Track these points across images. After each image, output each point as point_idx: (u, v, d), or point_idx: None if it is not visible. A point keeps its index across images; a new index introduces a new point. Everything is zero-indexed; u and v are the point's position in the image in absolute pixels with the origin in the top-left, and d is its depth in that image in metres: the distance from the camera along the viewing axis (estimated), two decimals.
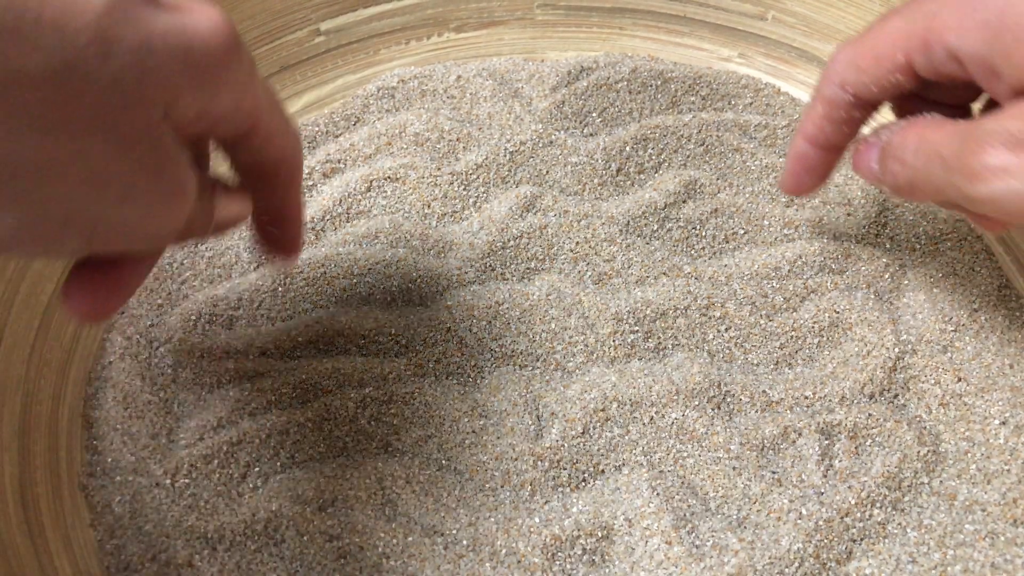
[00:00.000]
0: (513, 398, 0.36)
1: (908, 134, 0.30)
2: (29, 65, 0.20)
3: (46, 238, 0.23)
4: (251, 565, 0.33)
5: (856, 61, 0.31)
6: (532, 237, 0.40)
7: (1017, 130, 0.25)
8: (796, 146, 0.34)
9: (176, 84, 0.23)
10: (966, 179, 0.26)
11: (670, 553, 0.32)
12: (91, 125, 0.22)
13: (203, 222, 0.29)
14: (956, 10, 0.28)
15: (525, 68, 0.46)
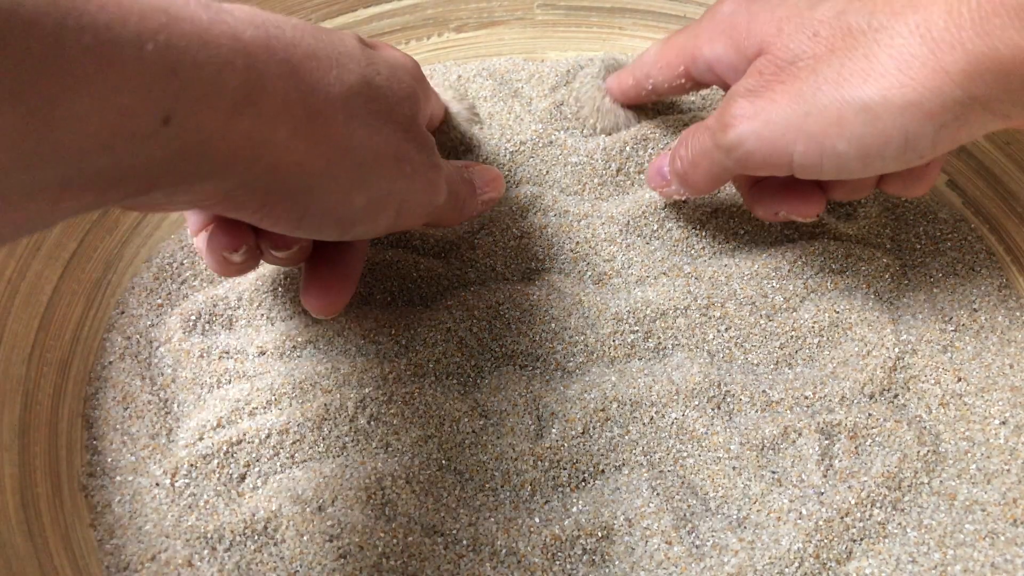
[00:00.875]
0: (513, 398, 0.36)
1: (689, 129, 0.36)
2: (351, 80, 0.28)
3: (377, 213, 0.30)
4: (251, 565, 0.33)
5: (657, 63, 0.39)
6: (532, 237, 0.40)
7: (750, 85, 0.32)
8: (611, 86, 0.43)
9: (415, 91, 0.32)
10: (723, 132, 0.33)
11: (670, 553, 0.32)
12: (386, 119, 0.29)
13: (471, 201, 0.37)
14: (707, 30, 0.36)
15: (525, 68, 0.46)
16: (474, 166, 0.38)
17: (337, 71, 0.27)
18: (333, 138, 0.27)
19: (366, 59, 0.29)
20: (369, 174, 0.29)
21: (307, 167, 0.26)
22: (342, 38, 0.30)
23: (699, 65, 0.37)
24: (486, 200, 0.38)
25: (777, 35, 0.32)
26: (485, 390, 0.37)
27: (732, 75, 0.35)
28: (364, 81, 0.29)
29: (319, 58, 0.27)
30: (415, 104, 0.32)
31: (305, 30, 0.27)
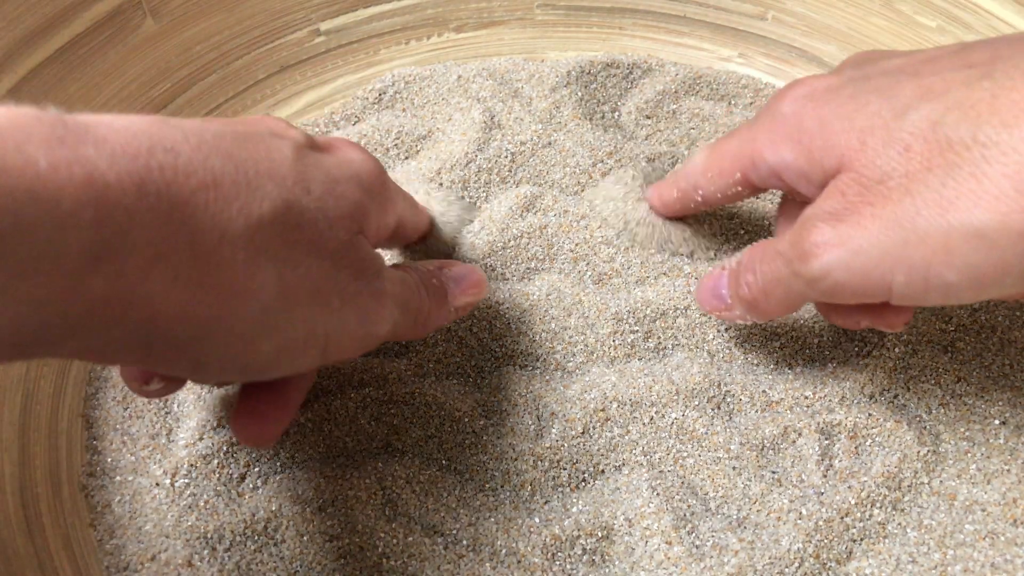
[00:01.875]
0: (513, 398, 0.36)
1: (755, 249, 0.33)
2: (263, 210, 0.24)
3: (293, 357, 0.27)
4: (251, 565, 0.33)
5: (706, 172, 0.35)
6: (532, 237, 0.40)
7: (831, 207, 0.28)
8: (652, 198, 0.39)
9: (362, 203, 0.28)
10: (802, 262, 0.29)
11: (670, 553, 0.32)
12: (308, 248, 0.26)
13: (437, 312, 0.33)
14: (767, 132, 0.32)
15: (525, 68, 0.46)
16: (453, 267, 0.35)
17: (245, 200, 0.24)
18: (228, 283, 0.24)
19: (295, 175, 0.26)
20: (278, 318, 0.25)
21: (192, 318, 0.23)
22: (271, 150, 0.26)
23: (760, 171, 0.33)
24: (461, 306, 0.34)
25: (860, 150, 0.28)
26: (485, 390, 0.37)
27: (803, 184, 0.31)
28: (284, 207, 0.25)
29: (221, 186, 0.23)
30: (357, 222, 0.28)
31: (215, 148, 0.24)
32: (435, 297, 0.33)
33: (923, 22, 0.44)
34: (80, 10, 0.40)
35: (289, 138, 0.27)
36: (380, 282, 0.29)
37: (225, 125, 0.26)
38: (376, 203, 0.30)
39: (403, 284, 0.31)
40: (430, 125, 0.45)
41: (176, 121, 0.24)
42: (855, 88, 0.30)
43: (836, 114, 0.29)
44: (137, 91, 0.43)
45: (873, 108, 0.28)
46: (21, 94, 0.39)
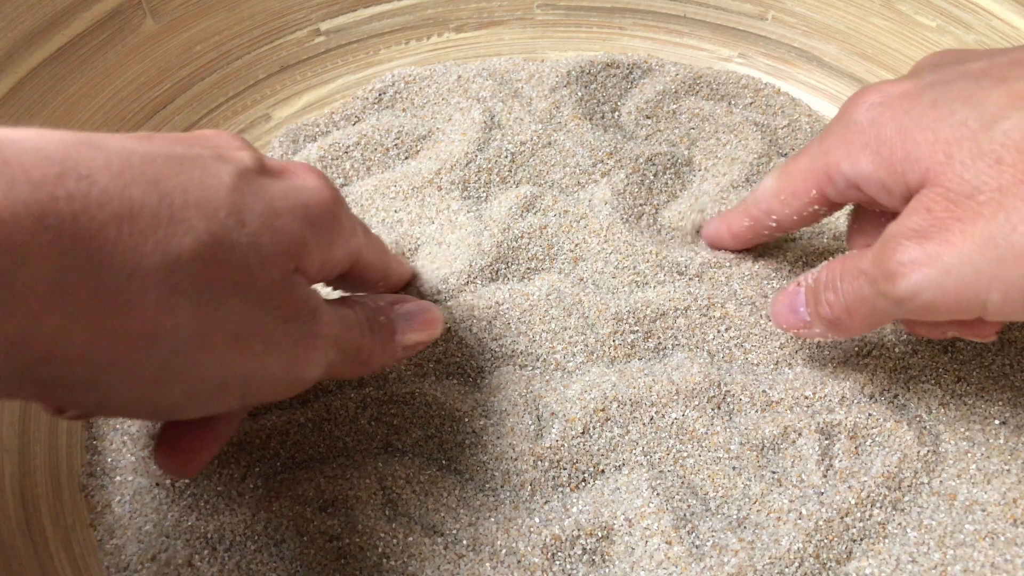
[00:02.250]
0: (513, 398, 0.36)
1: (834, 266, 0.31)
2: (184, 245, 0.22)
3: (207, 402, 0.25)
4: (251, 565, 0.33)
5: (779, 195, 0.34)
6: (532, 237, 0.40)
7: (917, 225, 0.27)
8: (720, 230, 0.39)
9: (302, 238, 0.26)
10: (889, 282, 0.28)
11: (670, 553, 0.32)
12: (234, 287, 0.24)
13: (382, 351, 0.31)
14: (842, 143, 0.31)
15: (525, 68, 0.46)
16: (405, 303, 0.33)
17: (164, 233, 0.22)
18: (135, 324, 0.22)
19: (230, 206, 0.24)
20: (191, 361, 0.23)
21: (92, 359, 0.21)
22: (208, 176, 0.24)
23: (838, 184, 0.31)
24: (409, 345, 0.32)
25: (947, 163, 0.27)
26: (485, 390, 0.37)
27: (884, 195, 0.30)
28: (210, 242, 0.23)
29: (138, 218, 0.21)
30: (293, 259, 0.26)
31: (140, 174, 0.22)
32: (380, 335, 0.31)
33: (923, 22, 0.44)
34: (80, 10, 0.40)
35: (234, 161, 0.25)
36: (314, 324, 0.27)
37: (164, 145, 0.24)
38: (322, 237, 0.27)
39: (343, 323, 0.29)
40: (430, 125, 0.45)
41: (104, 140, 0.23)
42: (936, 94, 0.28)
43: (918, 123, 0.28)
44: (137, 91, 0.43)
45: (958, 117, 0.27)
46: (21, 94, 0.39)
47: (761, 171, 0.44)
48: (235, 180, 0.25)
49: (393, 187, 0.43)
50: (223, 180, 0.24)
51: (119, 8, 0.42)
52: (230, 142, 0.27)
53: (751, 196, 0.36)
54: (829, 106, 0.47)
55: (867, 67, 0.46)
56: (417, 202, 0.42)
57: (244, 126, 0.46)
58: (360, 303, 0.31)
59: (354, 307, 0.30)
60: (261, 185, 0.26)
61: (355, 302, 0.31)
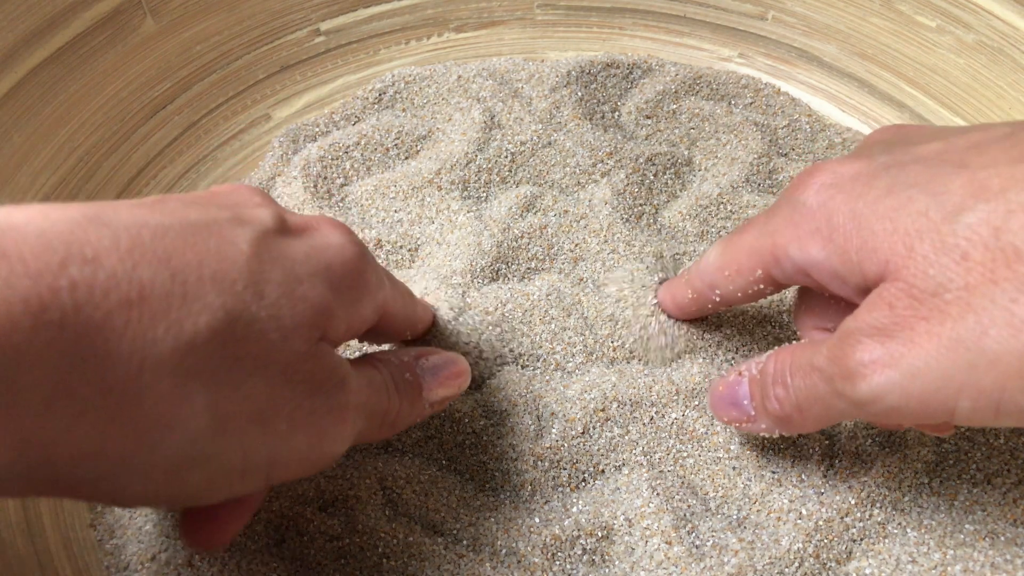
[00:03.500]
0: (513, 398, 0.36)
1: (782, 357, 0.29)
2: (199, 325, 0.21)
3: (228, 488, 0.24)
4: (251, 565, 0.33)
5: (723, 270, 0.32)
6: (532, 237, 0.40)
7: (878, 322, 0.25)
8: (665, 300, 0.37)
9: (326, 304, 0.25)
10: (847, 382, 0.26)
11: (670, 553, 0.32)
12: (254, 365, 0.22)
13: (410, 410, 0.30)
14: (790, 225, 0.28)
15: (525, 68, 0.46)
16: (431, 355, 0.31)
17: (177, 315, 0.21)
18: (147, 415, 0.20)
19: (248, 277, 0.22)
20: (209, 447, 0.22)
21: (103, 455, 0.20)
22: (224, 244, 0.22)
23: (785, 268, 0.29)
24: (436, 401, 0.31)
25: (908, 256, 0.25)
26: (485, 390, 0.37)
27: (836, 284, 0.28)
28: (227, 319, 0.21)
29: (148, 301, 0.20)
30: (318, 328, 0.24)
31: (150, 251, 0.21)
32: (407, 394, 0.29)
33: (923, 22, 0.44)
34: (80, 10, 0.40)
35: (252, 224, 0.24)
36: (343, 395, 0.25)
37: (177, 211, 0.23)
38: (347, 298, 0.26)
39: (370, 388, 0.28)
40: (430, 125, 0.45)
41: (113, 214, 0.21)
42: (891, 179, 0.26)
43: (874, 211, 0.26)
44: (137, 91, 0.43)
45: (918, 206, 0.25)
46: (21, 94, 0.39)
47: (761, 171, 0.44)
48: (253, 246, 0.23)
49: (393, 187, 0.43)
50: (240, 248, 0.23)
51: (119, 8, 0.42)
52: (250, 198, 0.26)
53: (695, 267, 0.34)
54: (829, 106, 0.47)
55: (867, 67, 0.46)
56: (417, 202, 0.42)
57: (244, 126, 0.46)
58: (384, 361, 0.30)
59: (379, 367, 0.29)
60: (281, 248, 0.24)
61: (379, 360, 0.29)
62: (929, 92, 0.45)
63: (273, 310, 0.23)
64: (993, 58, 0.42)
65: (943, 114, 0.44)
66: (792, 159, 0.45)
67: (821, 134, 0.46)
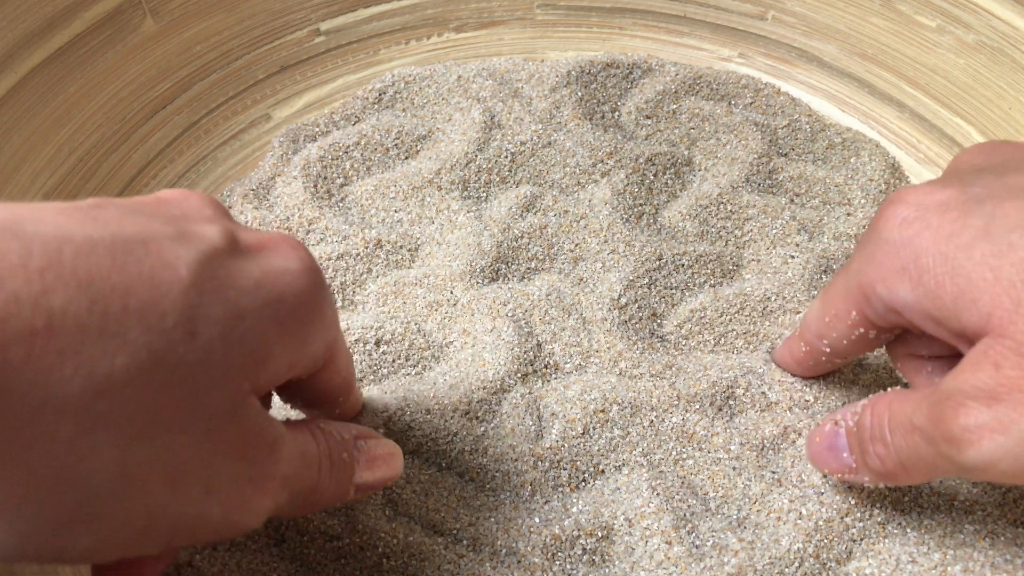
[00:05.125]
0: (513, 399, 0.36)
1: (878, 410, 0.28)
2: (115, 366, 0.18)
3: (123, 548, 0.21)
4: (251, 565, 0.33)
5: (823, 317, 0.31)
6: (532, 237, 0.40)
7: (983, 383, 0.23)
8: (784, 357, 0.35)
9: (266, 346, 0.21)
10: (953, 447, 0.24)
11: (670, 553, 0.32)
12: (174, 418, 0.19)
13: (335, 490, 0.26)
14: (874, 262, 0.27)
15: (525, 68, 0.46)
16: (368, 438, 0.28)
17: (90, 352, 0.18)
18: (42, 464, 0.18)
19: (181, 310, 0.19)
20: (108, 506, 0.19)
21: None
22: (161, 267, 0.19)
23: (876, 307, 0.28)
24: (364, 484, 0.28)
25: (1015, 311, 0.23)
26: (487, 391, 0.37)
27: (932, 327, 0.26)
28: (149, 361, 0.18)
29: (56, 334, 0.17)
30: (252, 377, 0.21)
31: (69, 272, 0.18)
32: (338, 474, 0.26)
33: (923, 22, 0.44)
34: (80, 10, 0.40)
35: (197, 243, 0.21)
36: (269, 463, 0.22)
37: (113, 222, 0.20)
38: (295, 336, 0.22)
39: (302, 460, 0.24)
40: (430, 125, 0.45)
41: (34, 223, 0.18)
42: (985, 218, 0.24)
43: (969, 257, 0.24)
44: (137, 91, 0.43)
45: (1021, 254, 0.23)
46: (21, 94, 0.39)
47: (761, 171, 0.44)
48: (194, 271, 0.20)
49: (393, 187, 0.43)
50: (178, 273, 0.19)
51: (119, 8, 0.42)
52: (200, 210, 0.23)
53: (803, 319, 0.33)
54: (829, 106, 0.47)
55: (867, 67, 0.46)
56: (417, 202, 0.42)
57: (244, 126, 0.46)
58: (325, 432, 0.26)
59: (317, 437, 0.26)
60: (227, 273, 0.21)
61: (318, 430, 0.26)
62: (929, 92, 0.45)
63: (204, 353, 0.19)
64: (993, 58, 0.42)
65: (943, 114, 0.44)
66: (792, 159, 0.45)
67: (821, 134, 0.46)
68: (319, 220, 0.41)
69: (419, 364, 0.37)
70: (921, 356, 0.30)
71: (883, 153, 0.45)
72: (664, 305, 0.39)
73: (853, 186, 0.43)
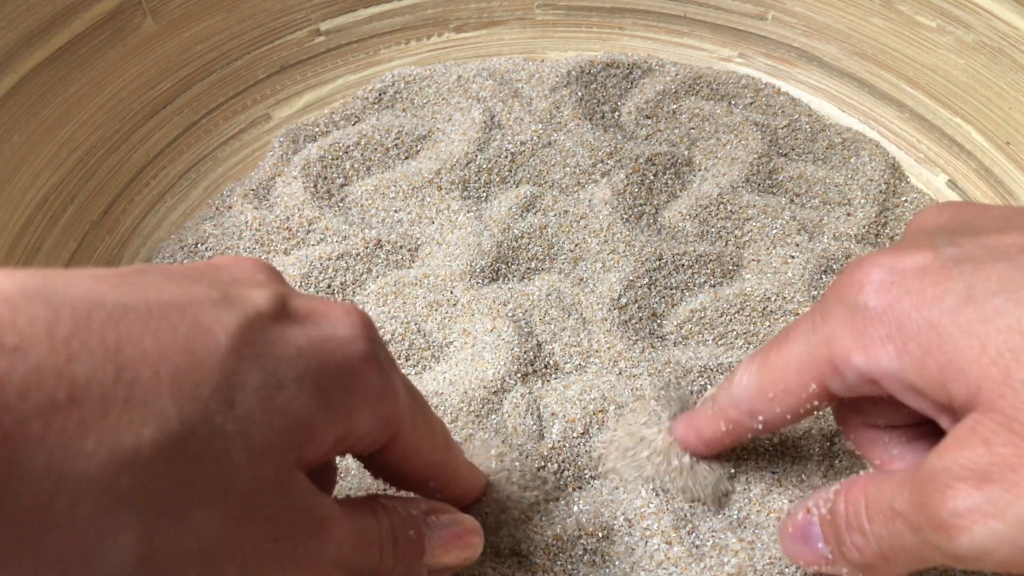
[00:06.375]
0: (514, 399, 0.36)
1: (853, 496, 0.25)
2: (143, 438, 0.16)
3: None
4: None
5: (766, 391, 0.27)
6: (532, 237, 0.40)
7: (972, 462, 0.21)
8: (688, 437, 0.32)
9: (311, 416, 0.20)
10: (943, 536, 0.22)
11: (670, 553, 0.32)
12: (207, 495, 0.18)
13: (403, 569, 0.24)
14: (851, 331, 0.25)
15: (525, 68, 0.46)
16: (440, 513, 0.26)
17: (114, 423, 0.16)
18: (58, 546, 0.16)
19: (218, 380, 0.18)
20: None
21: None
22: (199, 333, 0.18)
23: (847, 378, 0.25)
24: (438, 566, 0.25)
25: (1005, 384, 0.21)
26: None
27: (911, 397, 0.24)
28: (181, 433, 0.17)
29: (78, 406, 0.16)
30: (295, 450, 0.20)
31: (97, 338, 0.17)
32: (405, 554, 0.24)
33: (923, 22, 0.44)
34: (80, 10, 0.40)
35: (242, 307, 0.19)
36: (316, 543, 0.21)
37: (152, 286, 0.19)
38: (338, 405, 0.21)
39: (359, 540, 0.23)
40: (430, 125, 0.45)
41: (62, 289, 0.17)
42: (967, 281, 0.23)
43: (955, 323, 0.22)
44: (137, 91, 0.43)
45: (1009, 320, 0.21)
46: (21, 94, 0.39)
47: (761, 171, 0.44)
48: (234, 338, 0.18)
49: (393, 187, 0.43)
50: (217, 339, 0.18)
51: (119, 8, 0.42)
52: (252, 275, 0.22)
53: (724, 395, 0.29)
54: (829, 106, 0.47)
55: (867, 67, 0.46)
56: (417, 202, 0.42)
57: (244, 126, 0.46)
58: (388, 509, 0.24)
59: (379, 515, 0.24)
60: (269, 341, 0.19)
61: (381, 507, 0.24)
62: (929, 92, 0.45)
63: (242, 424, 0.18)
64: (993, 58, 0.42)
65: (943, 114, 0.44)
66: (792, 159, 0.45)
67: (821, 134, 0.46)
68: (319, 220, 0.41)
69: (419, 364, 0.37)
70: (877, 426, 0.28)
71: (883, 153, 0.45)
72: (664, 305, 0.39)
73: (853, 186, 0.43)
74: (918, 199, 0.44)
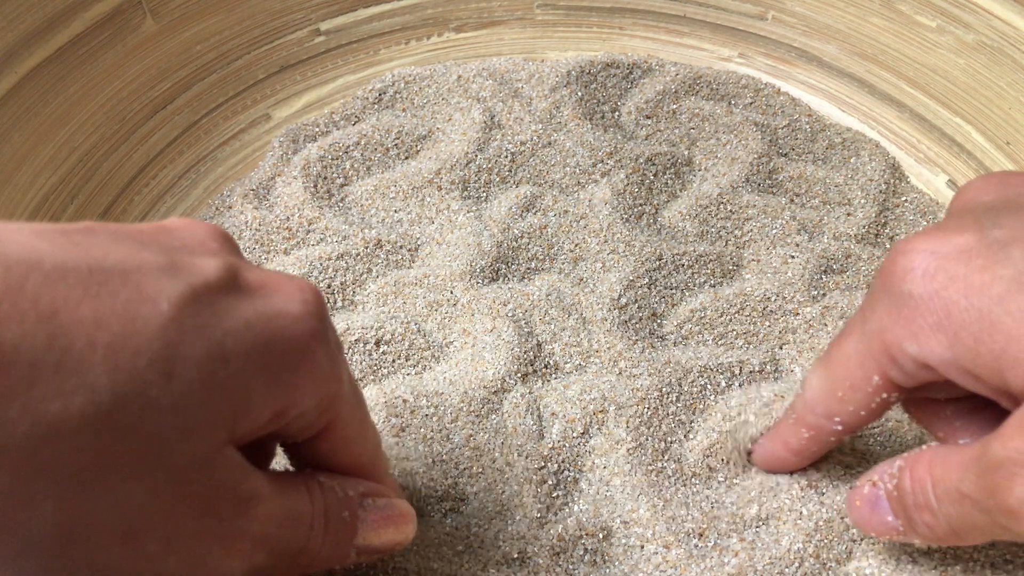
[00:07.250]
0: (514, 399, 0.36)
1: (918, 475, 0.26)
2: (70, 409, 0.16)
3: None
4: None
5: (835, 391, 0.28)
6: (532, 237, 0.40)
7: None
8: (777, 451, 0.32)
9: (249, 392, 0.19)
10: (1011, 519, 0.22)
11: (669, 555, 0.32)
12: (133, 469, 0.17)
13: (331, 551, 0.23)
14: (899, 320, 0.25)
15: (525, 68, 0.46)
16: (377, 495, 0.25)
17: (40, 392, 0.16)
18: None
19: (156, 350, 0.17)
20: (46, 562, 0.17)
21: None
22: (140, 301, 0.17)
23: (905, 366, 0.25)
24: (367, 548, 0.25)
25: None
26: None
27: (971, 383, 0.24)
28: (113, 404, 0.16)
29: (7, 370, 0.15)
30: (228, 427, 0.19)
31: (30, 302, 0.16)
32: (335, 535, 0.24)
33: (923, 22, 0.44)
34: (80, 10, 0.40)
35: (190, 274, 0.19)
36: (241, 520, 0.20)
37: (97, 248, 0.18)
38: (280, 381, 0.20)
39: (288, 519, 0.22)
40: (430, 125, 0.45)
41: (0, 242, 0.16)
42: (1013, 266, 0.23)
43: (1006, 311, 0.22)
44: (137, 91, 0.43)
45: None
46: (21, 94, 0.39)
47: (761, 171, 0.44)
48: (178, 307, 0.18)
49: (393, 187, 0.43)
50: (160, 308, 0.17)
51: (119, 8, 0.42)
52: (203, 242, 0.21)
53: (800, 403, 0.30)
54: (829, 106, 0.47)
55: (867, 67, 0.46)
56: (417, 202, 0.42)
57: (244, 126, 0.46)
58: (325, 488, 0.24)
59: (313, 493, 0.23)
60: (215, 312, 0.19)
61: (317, 485, 0.24)
62: (929, 92, 0.45)
63: (179, 398, 0.17)
64: (993, 58, 0.42)
65: (943, 114, 0.44)
66: (792, 159, 0.45)
67: (821, 134, 0.46)
68: (319, 220, 0.41)
69: (419, 364, 0.37)
70: (937, 400, 0.28)
71: (883, 153, 0.45)
72: (664, 305, 0.39)
73: (853, 186, 0.43)
74: (918, 199, 0.44)
